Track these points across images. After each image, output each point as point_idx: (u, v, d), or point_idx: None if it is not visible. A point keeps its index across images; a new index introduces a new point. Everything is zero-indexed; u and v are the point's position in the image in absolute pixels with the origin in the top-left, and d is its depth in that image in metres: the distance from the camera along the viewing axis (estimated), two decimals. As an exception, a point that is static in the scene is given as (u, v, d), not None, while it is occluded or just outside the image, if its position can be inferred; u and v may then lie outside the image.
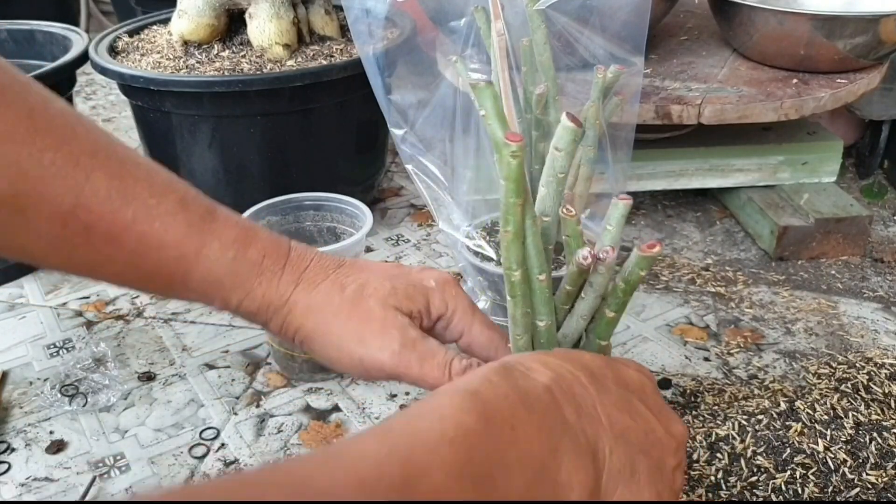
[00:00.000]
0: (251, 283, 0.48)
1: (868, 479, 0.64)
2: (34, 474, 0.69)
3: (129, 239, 0.44)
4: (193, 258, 0.46)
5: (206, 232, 0.46)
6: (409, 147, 0.74)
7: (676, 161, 1.05)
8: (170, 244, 0.45)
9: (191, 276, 0.46)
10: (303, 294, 0.48)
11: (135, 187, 0.44)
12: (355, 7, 0.74)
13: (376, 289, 0.48)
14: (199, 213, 0.46)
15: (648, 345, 0.84)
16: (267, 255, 0.48)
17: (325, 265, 0.50)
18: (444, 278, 0.51)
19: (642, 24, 0.68)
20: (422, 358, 0.47)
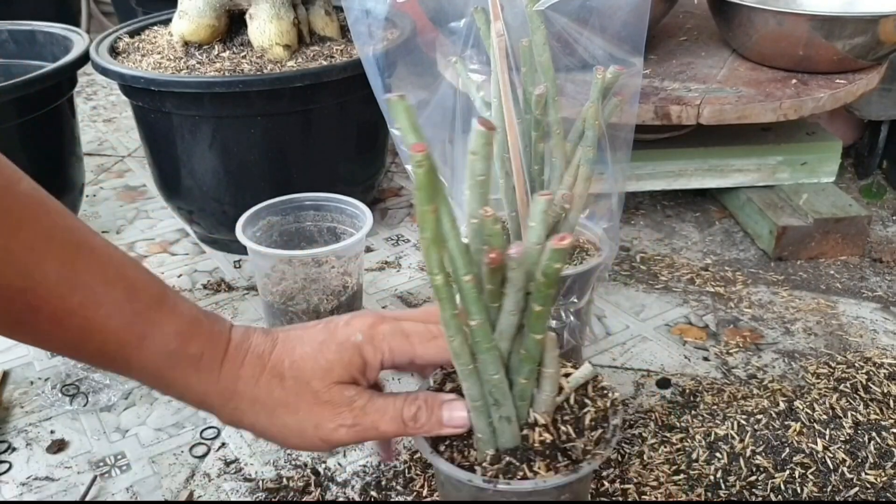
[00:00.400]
0: (190, 378, 0.49)
1: (867, 479, 0.64)
2: (35, 474, 0.69)
3: (73, 323, 0.45)
4: (135, 347, 0.47)
5: (150, 322, 0.47)
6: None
7: (675, 161, 1.05)
8: (112, 331, 0.46)
9: (131, 364, 0.48)
10: (246, 390, 0.50)
11: (85, 274, 0.45)
12: (355, 8, 0.75)
13: (314, 370, 0.50)
14: (146, 301, 0.47)
15: (648, 344, 0.84)
16: (206, 350, 0.49)
17: (261, 353, 0.51)
18: (368, 324, 0.52)
19: (641, 24, 0.68)
20: (375, 422, 0.49)
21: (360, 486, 0.67)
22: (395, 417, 0.49)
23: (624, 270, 0.98)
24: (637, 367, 0.81)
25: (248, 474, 0.68)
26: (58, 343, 0.47)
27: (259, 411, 0.50)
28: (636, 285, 0.95)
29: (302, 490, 0.66)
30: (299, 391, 0.49)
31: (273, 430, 0.50)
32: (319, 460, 0.70)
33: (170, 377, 0.49)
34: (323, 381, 0.49)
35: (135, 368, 0.48)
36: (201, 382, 0.49)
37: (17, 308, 0.44)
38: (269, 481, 0.67)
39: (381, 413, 0.49)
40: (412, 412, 0.49)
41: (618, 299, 0.92)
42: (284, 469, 0.69)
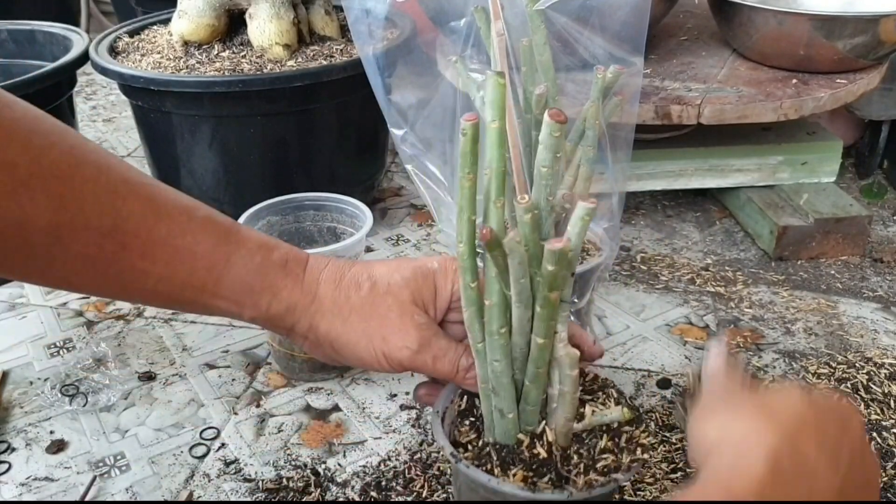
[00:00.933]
0: (278, 285, 0.51)
1: (867, 479, 0.64)
2: (34, 474, 0.69)
3: (162, 253, 0.48)
4: (223, 266, 0.50)
5: (233, 242, 0.50)
6: (409, 147, 0.74)
7: (676, 161, 1.05)
8: (201, 255, 0.49)
9: (221, 284, 0.50)
10: (327, 292, 0.52)
11: (165, 207, 0.48)
12: (355, 7, 0.74)
13: (389, 284, 0.52)
14: (224, 227, 0.51)
15: (648, 344, 0.84)
16: (290, 259, 0.52)
17: (340, 265, 0.54)
18: (444, 259, 0.55)
19: (642, 24, 0.68)
20: (435, 357, 0.51)
21: (360, 486, 0.67)
22: (453, 361, 0.51)
23: (624, 270, 0.98)
24: (637, 367, 0.81)
25: (247, 474, 0.68)
26: (149, 281, 0.48)
27: (336, 315, 0.52)
28: (636, 285, 0.95)
29: (302, 490, 0.66)
30: (375, 301, 0.52)
31: (344, 337, 0.52)
32: (319, 461, 0.70)
33: (259, 288, 0.51)
34: (397, 297, 0.52)
35: (225, 288, 0.50)
36: (287, 287, 0.51)
37: (108, 250, 0.46)
38: (269, 481, 0.67)
39: (443, 353, 0.52)
40: (467, 364, 0.51)
41: (618, 299, 0.92)
42: (284, 469, 0.69)
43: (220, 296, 0.50)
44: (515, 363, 0.47)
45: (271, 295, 0.51)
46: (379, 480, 0.67)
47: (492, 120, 0.41)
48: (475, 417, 0.53)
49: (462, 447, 0.50)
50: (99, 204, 0.46)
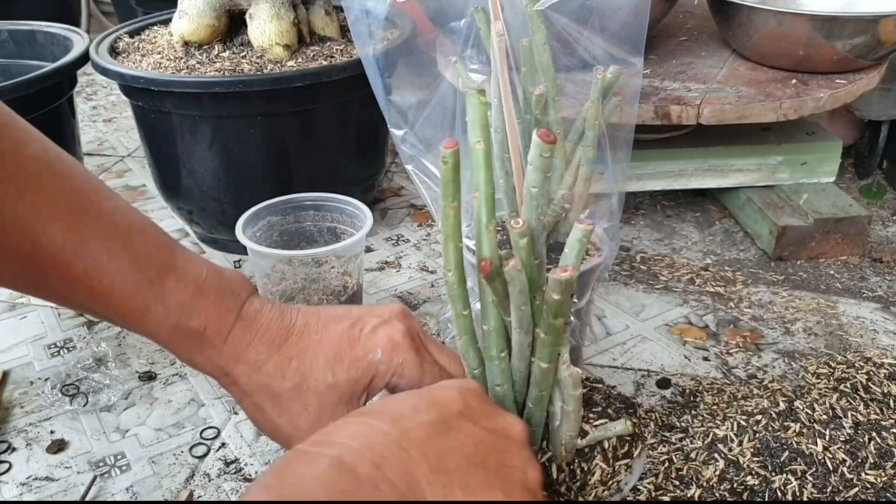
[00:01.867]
0: (191, 352, 0.50)
1: (867, 479, 0.64)
2: (35, 474, 0.69)
3: (80, 289, 0.46)
4: (139, 318, 0.48)
5: (152, 297, 0.48)
6: (409, 147, 0.74)
7: (676, 161, 1.05)
8: (117, 300, 0.47)
9: (139, 329, 0.49)
10: (244, 372, 0.50)
11: (90, 242, 0.46)
12: (355, 8, 0.75)
13: (317, 383, 0.49)
14: (150, 272, 0.48)
15: (648, 344, 0.84)
16: (209, 327, 0.49)
17: (271, 340, 0.50)
18: (393, 343, 0.51)
19: (641, 24, 0.68)
20: None
21: (360, 486, 0.67)
22: None
23: (624, 270, 0.98)
24: (637, 367, 0.81)
25: (248, 474, 0.68)
26: (74, 304, 0.49)
27: (250, 396, 0.50)
28: (636, 285, 0.95)
29: (302, 490, 0.66)
30: (294, 397, 0.49)
31: (256, 417, 0.52)
32: (319, 460, 0.70)
33: (176, 348, 0.50)
34: (321, 398, 0.49)
35: (145, 334, 0.49)
36: (202, 356, 0.50)
37: (31, 272, 0.45)
38: (269, 481, 0.67)
39: None
40: None
41: (618, 299, 0.92)
42: (284, 469, 0.69)
43: (143, 333, 0.50)
44: (515, 386, 0.47)
45: (187, 357, 0.50)
46: (379, 480, 0.67)
47: (476, 140, 0.41)
48: None
49: None
50: (19, 226, 0.43)
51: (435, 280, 0.97)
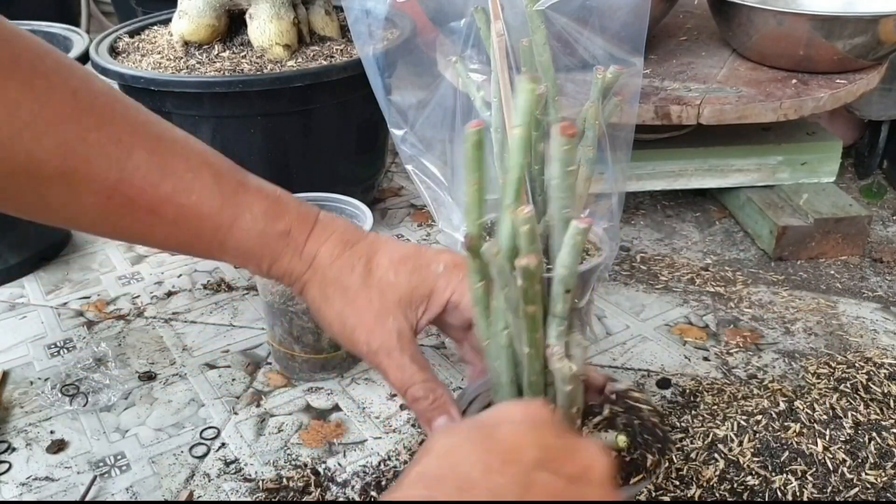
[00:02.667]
0: (278, 252, 0.52)
1: (867, 479, 0.64)
2: (35, 474, 0.69)
3: (168, 211, 0.48)
4: (227, 229, 0.50)
5: (239, 205, 0.50)
6: (409, 147, 0.74)
7: (676, 161, 1.05)
8: (205, 216, 0.49)
9: (226, 245, 0.51)
10: (320, 266, 0.53)
11: (172, 162, 0.48)
12: (355, 8, 0.75)
13: (381, 278, 0.52)
14: (232, 185, 0.50)
15: (648, 344, 0.84)
16: (293, 227, 0.52)
17: (345, 239, 0.54)
18: (453, 262, 0.54)
19: (642, 24, 0.68)
20: (388, 367, 0.52)
21: (360, 486, 0.67)
22: (403, 383, 0.51)
23: (624, 270, 0.98)
24: (637, 367, 0.81)
25: (248, 474, 0.68)
26: (157, 234, 0.49)
27: (323, 288, 0.53)
28: (636, 285, 0.95)
29: (302, 490, 0.66)
30: (360, 288, 0.52)
31: (323, 310, 0.53)
32: (319, 460, 0.70)
33: (260, 254, 0.52)
34: (383, 294, 0.52)
35: (229, 248, 0.51)
36: (286, 255, 0.52)
37: (116, 203, 0.46)
38: (269, 481, 0.67)
39: (398, 368, 0.51)
40: (417, 395, 0.51)
41: (618, 299, 0.92)
42: (284, 469, 0.69)
43: (225, 252, 0.52)
44: (518, 368, 0.47)
45: (271, 260, 0.52)
46: (379, 480, 0.67)
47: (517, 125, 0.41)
48: None
49: None
50: (103, 155, 0.45)
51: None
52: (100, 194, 0.45)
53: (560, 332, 0.44)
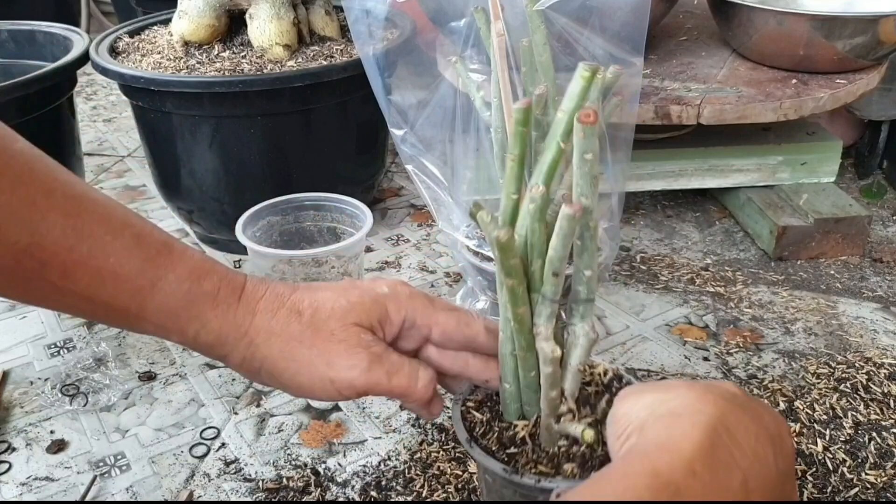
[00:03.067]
0: (207, 315, 0.48)
1: (867, 479, 0.64)
2: (35, 474, 0.69)
3: (83, 274, 0.45)
4: (148, 291, 0.47)
5: (161, 266, 0.47)
6: (409, 147, 0.74)
7: (676, 161, 1.05)
8: (124, 278, 0.46)
9: (146, 309, 0.47)
10: (262, 323, 0.49)
11: (90, 225, 0.45)
12: (355, 8, 0.75)
13: (333, 309, 0.49)
14: (154, 247, 0.47)
15: (648, 344, 0.84)
16: (222, 286, 0.49)
17: (280, 293, 0.50)
18: (395, 283, 0.52)
19: (642, 24, 0.68)
20: (389, 373, 0.48)
21: (360, 486, 0.67)
22: (411, 375, 0.49)
23: (624, 270, 0.98)
24: (637, 367, 0.81)
25: (248, 474, 0.68)
26: (70, 299, 0.46)
27: (273, 345, 0.49)
28: (636, 285, 0.95)
29: (302, 490, 0.66)
30: (316, 327, 0.49)
31: (282, 365, 0.49)
32: (319, 460, 0.70)
33: (185, 317, 0.48)
34: (341, 321, 0.49)
35: (150, 313, 0.47)
36: (217, 318, 0.48)
37: (27, 266, 0.44)
38: (269, 481, 0.67)
39: (398, 367, 0.49)
40: (428, 377, 0.49)
41: (618, 299, 0.92)
42: (284, 469, 0.69)
43: (145, 320, 0.48)
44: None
45: (199, 325, 0.48)
46: (379, 480, 0.67)
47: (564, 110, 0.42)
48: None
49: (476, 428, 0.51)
50: (14, 219, 0.43)
51: (435, 280, 0.97)
52: (7, 257, 0.43)
53: (548, 313, 0.45)
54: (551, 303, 0.45)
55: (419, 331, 0.51)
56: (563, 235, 0.41)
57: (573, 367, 0.47)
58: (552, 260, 0.42)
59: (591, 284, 0.45)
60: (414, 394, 0.49)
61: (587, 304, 0.46)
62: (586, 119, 0.38)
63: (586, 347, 0.47)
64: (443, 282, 0.97)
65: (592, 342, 0.47)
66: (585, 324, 0.46)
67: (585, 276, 0.44)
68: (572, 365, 0.47)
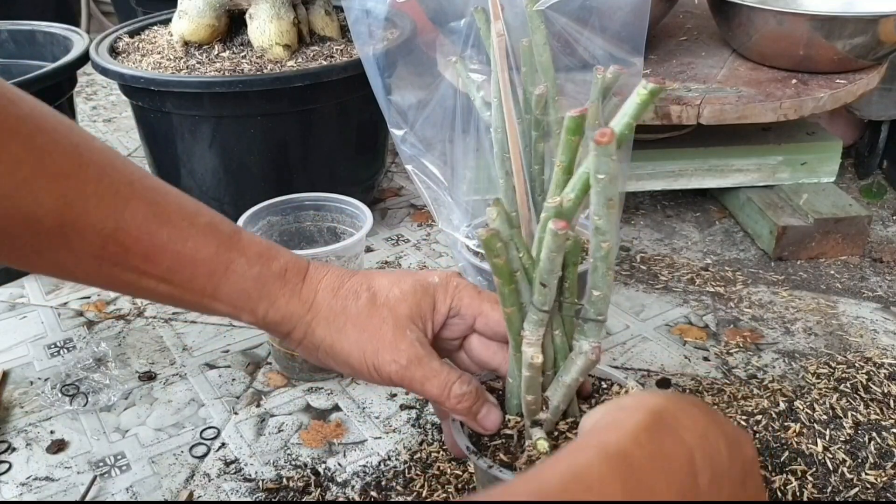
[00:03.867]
0: (275, 294, 0.52)
1: (867, 479, 0.64)
2: (35, 474, 0.69)
3: (164, 258, 0.49)
4: (223, 273, 0.50)
5: (234, 250, 0.51)
6: (409, 147, 0.74)
7: (676, 161, 1.05)
8: (201, 261, 0.50)
9: (220, 290, 0.51)
10: (324, 301, 0.52)
11: (168, 212, 0.49)
12: (355, 8, 0.75)
13: (388, 297, 0.53)
14: (226, 233, 0.51)
15: (648, 344, 0.84)
16: (289, 268, 0.53)
17: (340, 274, 0.54)
18: (446, 274, 0.55)
19: (642, 24, 0.68)
20: (424, 376, 0.51)
21: (360, 486, 0.67)
22: (444, 385, 0.51)
23: (624, 270, 0.98)
24: (637, 367, 0.81)
25: (248, 474, 0.68)
26: (151, 282, 0.49)
27: (331, 323, 0.52)
28: (636, 285, 0.95)
29: (302, 490, 0.66)
30: (371, 312, 0.52)
31: (338, 345, 0.52)
32: (319, 460, 0.70)
33: (256, 297, 0.51)
34: (394, 310, 0.52)
35: (223, 294, 0.51)
36: (285, 297, 0.52)
37: (112, 251, 0.47)
38: (269, 481, 0.67)
39: (435, 373, 0.51)
40: (462, 391, 0.51)
41: (618, 299, 0.92)
42: (284, 469, 0.69)
43: (219, 300, 0.51)
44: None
45: (269, 303, 0.52)
46: (379, 480, 0.67)
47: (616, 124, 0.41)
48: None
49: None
50: (102, 206, 0.46)
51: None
52: (94, 244, 0.46)
53: (536, 320, 0.45)
54: (539, 311, 0.45)
55: (464, 320, 0.54)
56: (548, 249, 0.41)
57: (564, 382, 0.47)
58: (540, 271, 0.43)
59: (600, 304, 0.45)
60: (445, 403, 0.51)
61: (595, 324, 0.46)
62: (601, 139, 0.38)
63: (582, 368, 0.47)
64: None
65: (591, 364, 0.47)
66: (589, 343, 0.46)
67: (594, 295, 0.44)
68: (563, 380, 0.47)
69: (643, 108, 0.40)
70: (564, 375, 0.47)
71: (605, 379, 0.55)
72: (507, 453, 0.50)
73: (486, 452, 0.50)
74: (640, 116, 0.40)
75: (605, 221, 0.40)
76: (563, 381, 0.47)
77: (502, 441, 0.51)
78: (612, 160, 0.38)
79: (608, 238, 0.41)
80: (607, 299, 0.45)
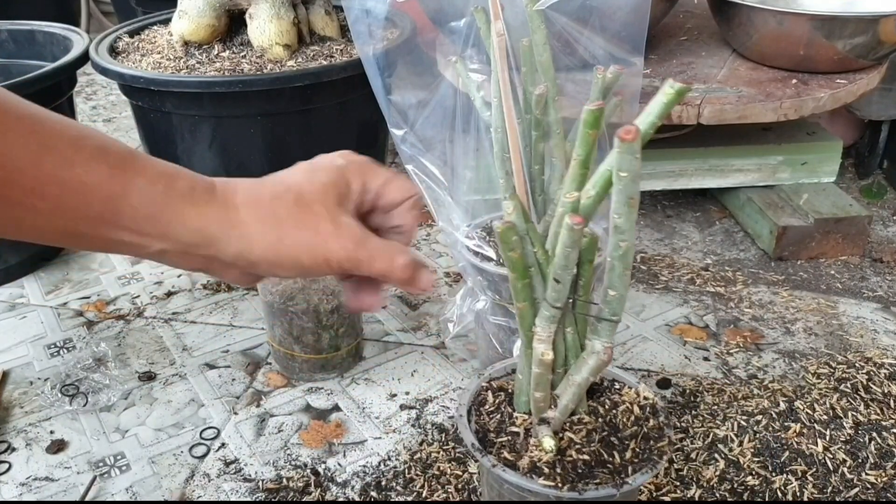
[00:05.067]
0: (186, 213, 0.48)
1: (867, 479, 0.64)
2: (35, 474, 0.69)
3: (51, 188, 0.44)
4: (120, 196, 0.46)
5: (129, 171, 0.47)
6: (409, 147, 0.74)
7: (676, 161, 1.05)
8: (93, 185, 0.45)
9: (121, 213, 0.46)
10: (250, 216, 0.50)
11: (52, 139, 0.45)
12: (355, 7, 0.74)
13: (311, 192, 0.52)
14: (119, 156, 0.47)
15: (648, 344, 0.84)
16: (195, 185, 0.49)
17: (252, 185, 0.51)
18: (344, 153, 0.55)
19: (642, 24, 0.68)
20: (371, 256, 0.51)
21: (360, 486, 0.67)
22: (389, 259, 0.51)
23: (624, 270, 0.98)
24: (637, 367, 0.81)
25: (247, 474, 0.68)
26: (40, 218, 0.45)
27: (268, 233, 0.50)
28: (636, 285, 0.95)
29: (302, 490, 0.66)
30: (304, 210, 0.51)
31: (284, 251, 0.50)
32: (319, 461, 0.70)
33: (164, 220, 0.47)
34: (324, 203, 0.51)
35: (125, 218, 0.46)
36: (199, 215, 0.48)
37: None
38: (269, 481, 0.67)
39: (378, 250, 0.51)
40: (405, 262, 0.51)
41: (618, 299, 0.92)
42: (284, 469, 0.69)
43: (120, 226, 0.47)
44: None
45: (180, 224, 0.48)
46: (379, 480, 0.67)
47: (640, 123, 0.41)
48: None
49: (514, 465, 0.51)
50: None
51: (434, 280, 0.97)
52: None
53: (548, 316, 0.45)
54: (551, 307, 0.45)
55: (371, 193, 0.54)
56: (563, 245, 0.41)
57: (575, 381, 0.47)
58: (554, 266, 0.42)
59: (615, 305, 0.45)
60: (391, 275, 0.51)
61: (609, 324, 0.46)
62: (626, 136, 0.37)
63: (594, 368, 0.46)
64: (443, 281, 0.97)
65: (603, 364, 0.46)
66: (601, 343, 0.46)
67: (610, 294, 0.44)
68: (574, 379, 0.47)
69: (669, 108, 0.39)
70: (575, 374, 0.47)
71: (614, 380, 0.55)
72: (513, 451, 0.50)
73: (491, 450, 0.50)
74: (665, 116, 0.39)
75: (624, 220, 0.40)
76: (574, 380, 0.47)
77: (508, 439, 0.51)
78: (635, 158, 0.38)
79: (627, 237, 0.41)
80: (623, 299, 0.44)
